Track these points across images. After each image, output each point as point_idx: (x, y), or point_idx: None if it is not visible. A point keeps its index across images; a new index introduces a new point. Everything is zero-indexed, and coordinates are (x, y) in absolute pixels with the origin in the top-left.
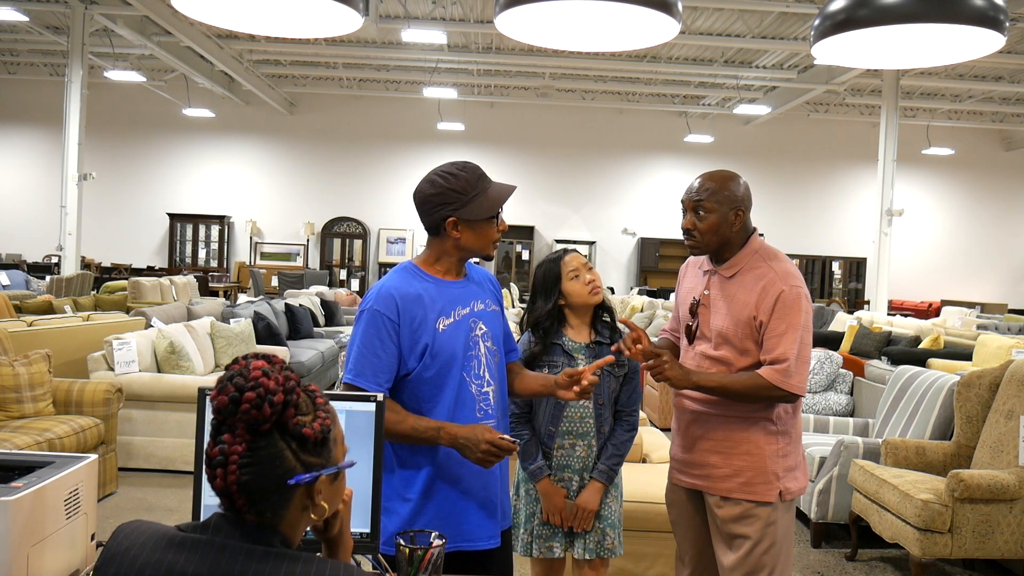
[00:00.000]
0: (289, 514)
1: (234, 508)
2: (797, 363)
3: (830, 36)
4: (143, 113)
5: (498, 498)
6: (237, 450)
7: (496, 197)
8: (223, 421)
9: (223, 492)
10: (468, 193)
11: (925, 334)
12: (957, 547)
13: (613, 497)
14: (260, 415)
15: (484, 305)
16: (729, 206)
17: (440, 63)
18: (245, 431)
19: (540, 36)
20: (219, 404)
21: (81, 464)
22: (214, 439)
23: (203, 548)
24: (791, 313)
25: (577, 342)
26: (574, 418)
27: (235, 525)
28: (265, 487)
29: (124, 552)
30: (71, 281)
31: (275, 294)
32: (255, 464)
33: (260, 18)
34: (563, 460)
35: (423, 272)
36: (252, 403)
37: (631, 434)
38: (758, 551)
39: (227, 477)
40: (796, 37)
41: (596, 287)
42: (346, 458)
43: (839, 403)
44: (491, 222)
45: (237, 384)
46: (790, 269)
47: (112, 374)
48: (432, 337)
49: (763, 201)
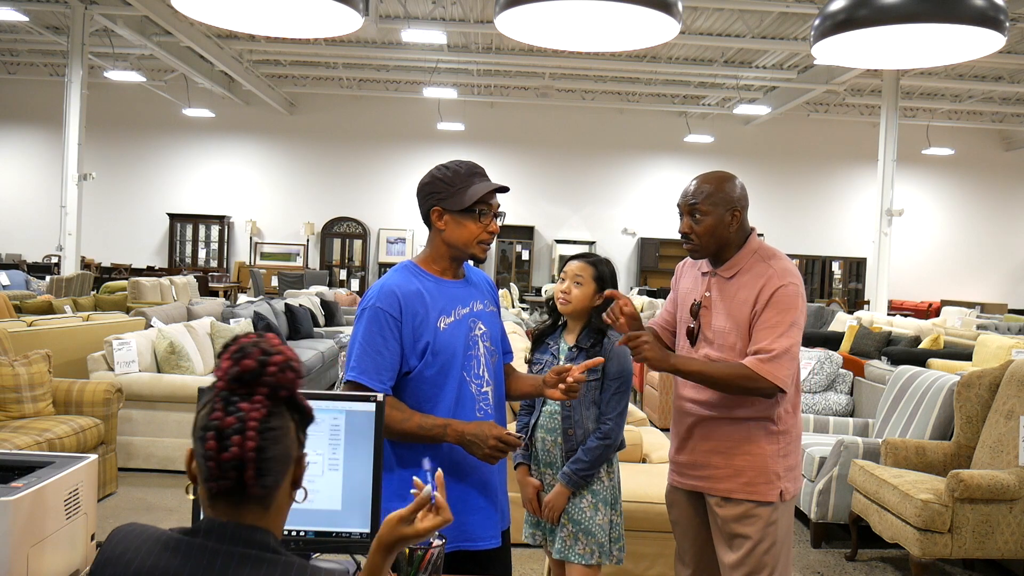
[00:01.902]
0: (279, 495)
1: (240, 481)
2: (786, 357)
3: (830, 36)
4: (143, 113)
5: (498, 498)
6: (256, 415)
7: (478, 189)
8: (238, 388)
9: (234, 464)
10: (455, 185)
11: (925, 334)
12: (957, 547)
13: (591, 504)
14: (285, 379)
15: (483, 306)
16: (725, 207)
17: (440, 63)
18: (266, 398)
19: (540, 36)
20: (244, 368)
21: (81, 464)
22: (224, 409)
23: (196, 552)
24: (785, 308)
25: (566, 343)
26: (547, 413)
27: (227, 528)
28: (275, 457)
29: (118, 556)
30: (71, 281)
31: (275, 294)
32: (272, 431)
33: (260, 18)
34: (537, 453)
35: (423, 271)
36: (279, 366)
37: (604, 442)
38: (759, 551)
39: (245, 444)
40: (796, 37)
41: (565, 298)
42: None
43: (839, 403)
44: (474, 216)
45: (263, 348)
46: (789, 267)
47: (112, 374)
48: (433, 335)
49: (763, 201)
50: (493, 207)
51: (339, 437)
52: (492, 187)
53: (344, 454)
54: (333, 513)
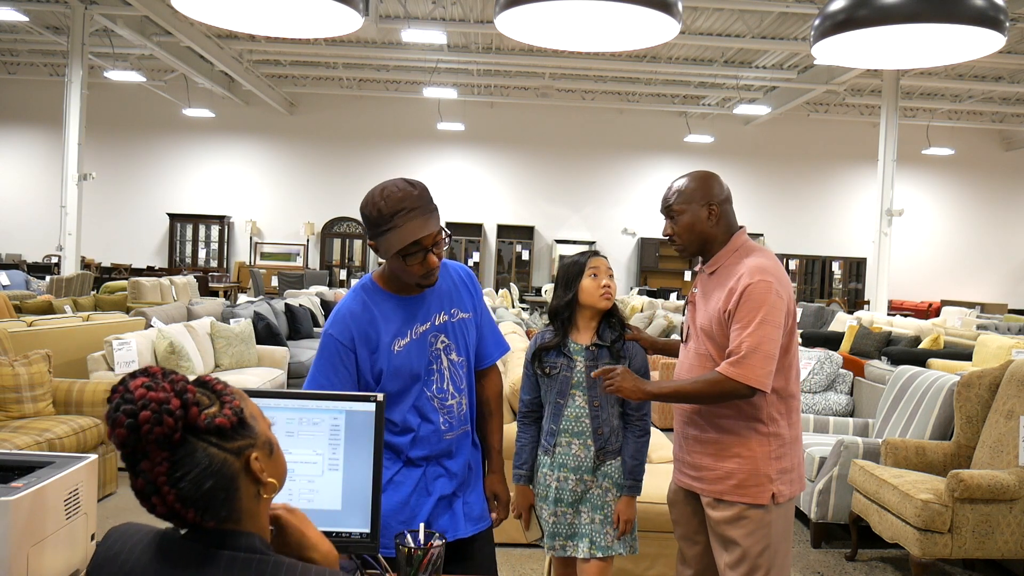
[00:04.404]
0: (244, 505)
1: (189, 524)
2: (756, 356)
3: (830, 36)
4: (143, 113)
5: (460, 500)
6: (161, 471)
7: (401, 238)
8: (133, 451)
9: (170, 515)
10: (380, 226)
11: (925, 334)
12: (957, 547)
13: (615, 497)
14: (165, 429)
15: (448, 316)
16: (699, 203)
17: (440, 63)
18: (159, 450)
19: (540, 36)
20: (118, 438)
21: (81, 464)
22: (132, 471)
23: (186, 555)
24: (754, 307)
25: (578, 344)
26: (571, 417)
27: (213, 531)
28: (206, 491)
29: (113, 557)
30: (71, 281)
31: (275, 294)
32: (186, 475)
33: (260, 18)
34: (561, 458)
35: (379, 289)
36: (151, 421)
37: (644, 438)
38: (752, 553)
39: (166, 500)
40: (796, 37)
41: (608, 292)
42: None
43: (839, 403)
44: (405, 259)
45: (127, 411)
46: (764, 264)
47: (112, 374)
48: (387, 361)
49: (763, 201)
50: (424, 242)
51: (339, 437)
52: (422, 234)
53: (344, 454)
54: (333, 513)
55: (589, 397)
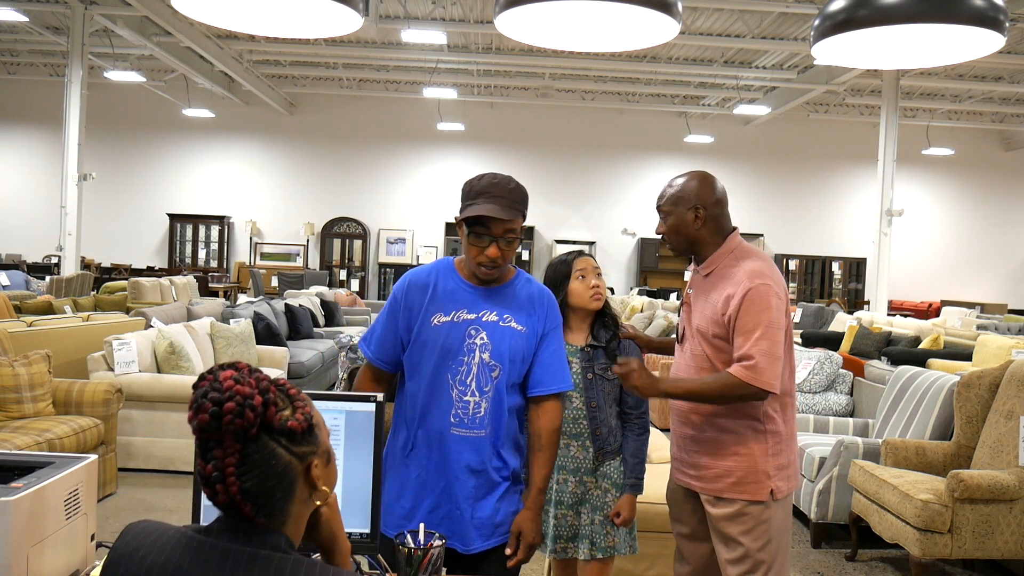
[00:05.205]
0: (295, 508)
1: (242, 516)
2: (766, 359)
3: (830, 36)
4: (143, 113)
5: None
6: (231, 462)
7: (474, 212)
8: (209, 437)
9: (228, 505)
10: (466, 198)
11: (925, 334)
12: (957, 547)
13: (614, 498)
14: (245, 422)
15: (499, 318)
16: (686, 206)
17: (440, 63)
18: (234, 441)
19: (540, 36)
20: (200, 423)
21: (81, 464)
22: (203, 457)
23: (208, 551)
24: (759, 310)
25: (573, 345)
26: (568, 419)
27: (240, 529)
28: (267, 488)
29: (132, 552)
30: (71, 281)
31: (275, 294)
32: (253, 470)
33: (260, 18)
34: (560, 460)
35: (453, 270)
36: (234, 413)
37: (644, 436)
38: (754, 548)
39: (229, 490)
40: (796, 37)
41: (598, 292)
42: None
43: (839, 403)
44: (472, 234)
45: (213, 399)
46: (761, 268)
47: (112, 374)
48: (420, 330)
49: (763, 201)
50: (493, 231)
51: (339, 437)
52: (492, 212)
53: (344, 454)
54: None
55: (586, 398)
